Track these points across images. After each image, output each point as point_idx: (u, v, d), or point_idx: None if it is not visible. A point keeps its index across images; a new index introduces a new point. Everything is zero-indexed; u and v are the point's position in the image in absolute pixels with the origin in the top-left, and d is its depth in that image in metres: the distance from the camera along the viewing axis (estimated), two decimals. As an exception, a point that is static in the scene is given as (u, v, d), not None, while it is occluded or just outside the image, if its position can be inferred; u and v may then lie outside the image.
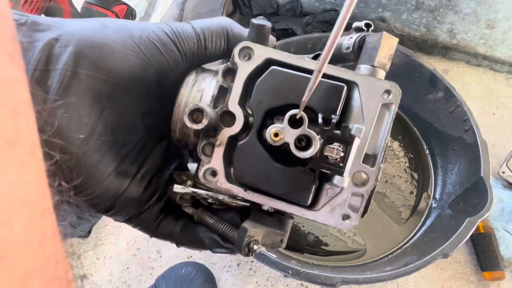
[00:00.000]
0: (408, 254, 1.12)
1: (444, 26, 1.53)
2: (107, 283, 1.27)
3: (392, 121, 0.35)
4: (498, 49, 1.54)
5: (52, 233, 0.20)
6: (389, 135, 0.35)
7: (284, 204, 0.36)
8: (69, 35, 0.33)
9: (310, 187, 0.35)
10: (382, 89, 0.35)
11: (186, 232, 0.42)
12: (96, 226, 1.35)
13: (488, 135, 1.42)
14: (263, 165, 0.35)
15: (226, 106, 0.35)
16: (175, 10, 1.47)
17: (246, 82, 0.36)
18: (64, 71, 0.32)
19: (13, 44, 0.19)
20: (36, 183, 0.19)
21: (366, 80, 0.35)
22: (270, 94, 0.35)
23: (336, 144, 0.33)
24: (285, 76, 0.35)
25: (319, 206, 0.36)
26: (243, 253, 0.36)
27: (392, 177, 1.34)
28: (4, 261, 0.16)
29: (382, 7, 1.53)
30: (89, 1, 1.34)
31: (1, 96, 0.17)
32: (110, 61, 0.34)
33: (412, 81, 1.33)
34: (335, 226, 0.35)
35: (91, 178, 0.35)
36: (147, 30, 0.37)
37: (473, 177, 1.12)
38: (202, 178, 0.36)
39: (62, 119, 0.32)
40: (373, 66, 0.35)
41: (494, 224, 1.26)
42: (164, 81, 0.38)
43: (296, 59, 0.35)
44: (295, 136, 0.32)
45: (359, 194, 0.35)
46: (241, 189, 0.36)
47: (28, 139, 0.19)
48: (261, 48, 0.36)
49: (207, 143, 0.36)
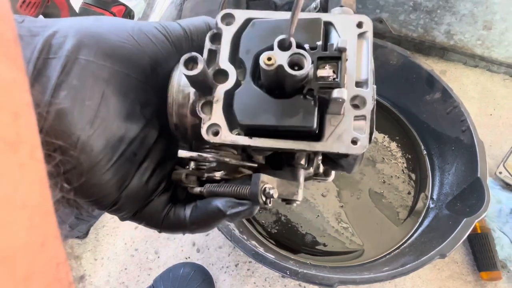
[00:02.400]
0: (405, 254, 1.12)
1: (441, 27, 1.53)
2: (105, 284, 1.26)
3: (372, 47, 0.38)
4: (495, 50, 1.54)
5: (54, 235, 0.20)
6: (372, 60, 0.38)
7: (292, 142, 0.36)
8: (67, 27, 0.35)
9: (312, 110, 0.35)
10: (354, 22, 0.38)
11: (197, 210, 0.41)
12: (94, 227, 1.35)
13: (485, 136, 1.43)
14: (264, 104, 0.36)
15: (217, 65, 0.38)
16: (173, 11, 1.47)
17: (232, 41, 0.39)
18: (66, 57, 0.34)
19: (15, 46, 0.19)
20: (37, 185, 0.19)
21: (338, 17, 0.38)
22: (256, 41, 0.38)
23: (327, 65, 0.34)
24: (266, 23, 0.38)
25: (326, 136, 0.36)
26: (261, 201, 0.36)
27: (390, 177, 1.34)
28: (6, 263, 0.16)
29: (380, 8, 1.54)
30: (87, 2, 1.34)
31: (2, 99, 0.17)
32: (107, 48, 0.36)
33: (410, 82, 1.34)
34: (347, 151, 0.36)
35: (97, 165, 0.35)
36: (138, 23, 0.39)
37: (470, 177, 1.12)
38: (206, 135, 0.37)
39: (64, 101, 0.33)
40: (341, 6, 0.40)
41: (491, 225, 1.27)
42: (158, 70, 0.40)
43: (271, 13, 0.39)
44: (287, 57, 0.34)
45: (361, 116, 0.36)
46: (246, 138, 0.37)
47: (29, 141, 0.19)
48: (240, 12, 0.39)
49: (205, 101, 0.38)
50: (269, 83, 0.36)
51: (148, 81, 0.39)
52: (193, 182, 0.42)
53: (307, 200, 1.29)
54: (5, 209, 0.17)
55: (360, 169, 1.35)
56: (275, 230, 1.24)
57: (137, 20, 1.51)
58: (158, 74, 0.40)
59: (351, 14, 0.40)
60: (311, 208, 1.28)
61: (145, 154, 0.40)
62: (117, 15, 1.38)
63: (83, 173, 0.35)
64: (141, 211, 0.41)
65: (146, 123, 0.40)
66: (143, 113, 0.40)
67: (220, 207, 0.39)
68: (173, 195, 0.43)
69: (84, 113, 0.34)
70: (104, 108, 0.36)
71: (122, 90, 0.37)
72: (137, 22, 0.40)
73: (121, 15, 1.40)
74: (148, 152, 0.41)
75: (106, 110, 0.36)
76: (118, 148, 0.37)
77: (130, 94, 0.38)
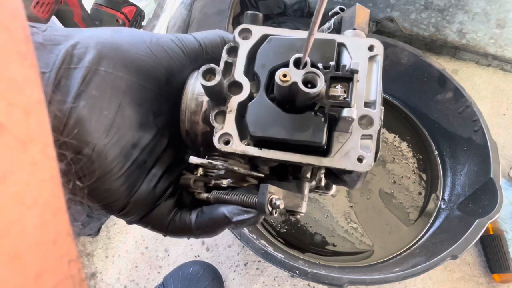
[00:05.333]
0: (416, 255, 1.11)
1: (453, 26, 1.51)
2: (116, 281, 1.27)
3: (381, 70, 0.39)
4: (508, 49, 1.52)
5: (65, 232, 0.20)
6: (381, 83, 0.39)
7: (300, 155, 0.38)
8: (87, 38, 0.37)
9: (322, 126, 0.37)
10: (366, 45, 0.39)
11: (203, 215, 0.42)
12: (105, 225, 1.36)
13: (498, 136, 1.41)
14: (275, 117, 0.38)
15: (233, 77, 0.39)
16: (183, 11, 1.47)
17: (248, 55, 0.40)
18: (87, 68, 0.35)
19: (26, 44, 0.19)
20: (49, 182, 0.19)
21: (351, 39, 0.40)
22: (272, 57, 0.39)
23: (338, 85, 0.36)
24: (282, 41, 0.40)
25: (333, 152, 0.38)
26: (267, 211, 0.37)
27: (400, 177, 1.33)
28: (18, 260, 0.17)
29: (391, 7, 1.52)
30: (99, 3, 1.36)
31: (13, 96, 0.18)
32: (125, 60, 0.37)
33: (421, 81, 1.32)
34: (353, 168, 0.37)
35: (109, 172, 0.37)
36: (155, 36, 0.41)
37: (483, 178, 1.11)
38: (218, 144, 0.38)
39: (83, 110, 0.34)
40: (354, 29, 0.41)
41: (504, 226, 1.25)
42: (172, 81, 0.41)
43: (288, 31, 0.41)
44: (301, 76, 0.35)
45: (368, 135, 0.38)
46: (256, 149, 0.38)
47: (41, 139, 0.19)
48: (257, 27, 0.41)
49: (218, 111, 0.39)
50: (282, 98, 0.38)
51: (162, 92, 0.41)
52: (201, 188, 0.43)
53: (316, 200, 1.29)
54: (16, 206, 0.17)
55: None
56: (284, 229, 1.24)
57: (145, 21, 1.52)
58: (172, 85, 0.42)
59: (363, 37, 0.41)
60: (321, 208, 1.28)
61: (155, 161, 0.42)
62: (128, 16, 1.39)
63: (95, 178, 0.36)
64: (148, 215, 0.42)
65: (157, 131, 0.41)
66: (155, 122, 0.41)
67: (226, 213, 0.39)
68: (178, 200, 0.44)
69: (101, 122, 0.35)
70: (120, 118, 0.37)
71: (138, 100, 0.39)
72: (154, 34, 0.41)
73: (131, 15, 1.41)
74: (158, 159, 0.42)
75: (122, 119, 0.37)
76: (131, 156, 0.38)
77: (145, 104, 0.39)
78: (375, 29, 1.60)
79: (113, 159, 0.36)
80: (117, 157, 0.37)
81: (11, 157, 0.17)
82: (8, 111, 0.17)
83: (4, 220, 0.16)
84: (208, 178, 0.43)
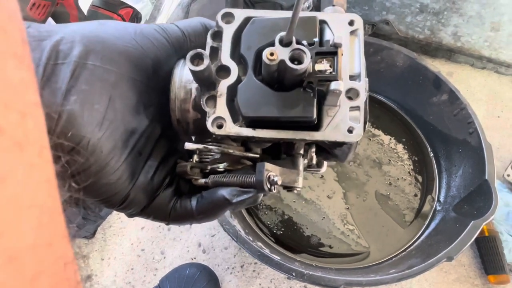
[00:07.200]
0: (412, 257, 1.12)
1: (448, 28, 1.52)
2: (112, 284, 1.27)
3: (363, 43, 0.40)
4: (503, 51, 1.53)
5: (61, 234, 0.20)
6: (363, 56, 0.40)
7: (293, 132, 0.38)
8: (72, 32, 0.36)
9: (311, 101, 0.37)
10: (346, 20, 0.40)
11: (203, 200, 0.43)
12: (101, 227, 1.36)
13: (493, 138, 1.42)
14: (265, 97, 0.38)
15: (220, 62, 0.40)
16: (180, 13, 1.47)
17: (233, 39, 0.40)
18: (75, 63, 0.35)
19: (23, 46, 0.19)
20: (45, 184, 0.19)
21: (331, 16, 0.41)
22: (256, 38, 0.40)
23: (324, 60, 0.37)
24: (265, 21, 0.40)
25: (324, 126, 0.38)
26: (266, 188, 0.37)
27: (396, 179, 1.34)
28: (13, 263, 0.17)
29: (386, 10, 1.53)
30: (95, 4, 1.35)
31: (10, 98, 0.18)
32: (113, 53, 0.37)
33: (416, 84, 1.33)
34: (344, 139, 0.38)
35: (106, 166, 0.37)
36: (139, 27, 0.41)
37: (478, 180, 1.11)
38: (211, 128, 0.38)
39: (75, 105, 0.34)
40: (333, 6, 0.42)
41: (499, 228, 1.26)
42: (159, 72, 0.42)
43: (270, 12, 0.41)
44: (288, 53, 0.36)
45: (355, 107, 0.38)
46: (249, 129, 0.38)
47: (37, 141, 0.19)
48: (239, 11, 0.41)
49: (209, 96, 0.39)
50: (270, 77, 0.38)
51: (150, 83, 0.41)
52: (197, 174, 0.44)
53: (313, 202, 1.29)
54: (12, 208, 0.17)
55: (366, 170, 1.34)
56: (280, 231, 1.24)
57: (142, 23, 1.52)
58: (159, 75, 0.42)
59: (342, 13, 0.42)
60: (317, 209, 1.28)
61: (150, 152, 0.42)
62: (125, 18, 1.39)
63: (92, 174, 0.36)
64: (148, 207, 0.43)
65: (149, 122, 0.42)
66: (146, 114, 0.41)
67: (226, 195, 0.40)
68: (177, 188, 0.45)
69: (93, 116, 0.35)
70: (112, 111, 0.37)
71: (128, 93, 0.39)
72: (137, 25, 0.41)
73: (128, 17, 1.41)
74: (152, 150, 0.43)
75: (113, 112, 0.37)
76: (126, 148, 0.39)
77: (135, 96, 0.40)
78: (371, 31, 1.60)
79: (109, 152, 0.37)
80: (113, 150, 0.37)
81: (7, 159, 0.17)
82: (5, 113, 0.17)
83: (0, 222, 0.16)
84: (204, 164, 0.44)
